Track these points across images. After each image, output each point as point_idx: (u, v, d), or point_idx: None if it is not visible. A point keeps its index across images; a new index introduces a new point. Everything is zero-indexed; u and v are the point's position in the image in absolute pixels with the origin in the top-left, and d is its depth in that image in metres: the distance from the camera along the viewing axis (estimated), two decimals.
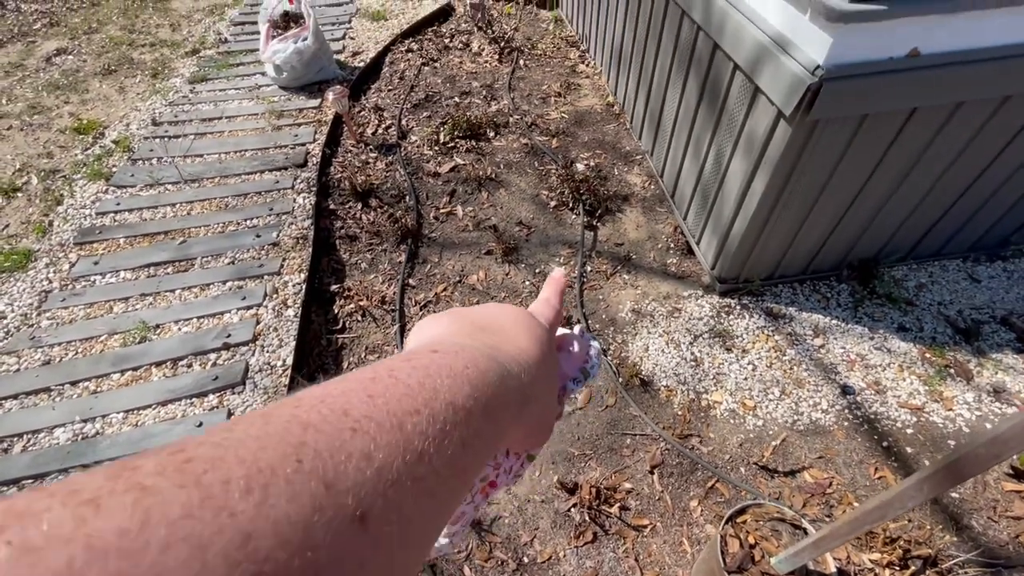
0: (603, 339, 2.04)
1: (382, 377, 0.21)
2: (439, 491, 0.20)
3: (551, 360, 0.32)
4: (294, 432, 0.17)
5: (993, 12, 1.35)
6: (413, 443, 0.19)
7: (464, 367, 0.24)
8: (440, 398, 0.21)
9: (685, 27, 2.06)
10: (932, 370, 1.91)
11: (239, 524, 0.14)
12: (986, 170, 1.81)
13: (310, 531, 0.15)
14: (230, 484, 0.14)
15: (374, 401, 0.19)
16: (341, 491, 0.16)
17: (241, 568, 0.13)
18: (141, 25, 4.45)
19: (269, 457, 0.16)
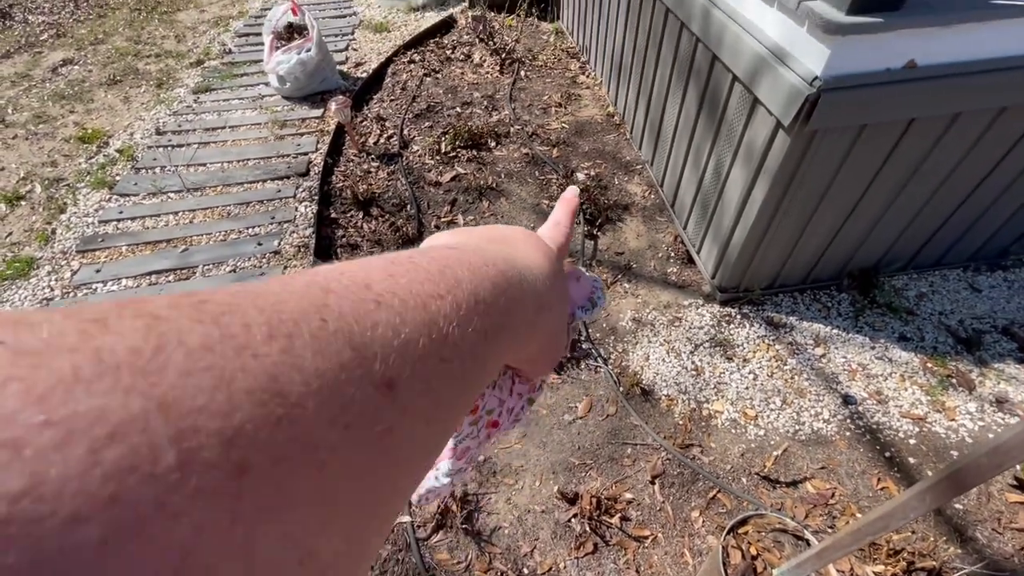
0: (604, 348, 2.04)
1: (402, 261, 0.20)
2: (463, 375, 0.20)
3: (562, 279, 0.32)
4: (315, 294, 0.16)
5: (988, 25, 1.37)
6: (438, 324, 0.18)
7: (483, 264, 0.23)
8: (463, 287, 0.20)
9: (684, 39, 2.08)
10: (934, 380, 1.90)
11: (264, 366, 0.13)
12: (984, 180, 1.81)
13: (339, 387, 0.14)
14: (251, 328, 0.13)
15: (396, 280, 0.18)
16: (368, 356, 0.15)
17: (268, 409, 0.12)
18: (147, 36, 4.50)
19: (291, 310, 0.14)
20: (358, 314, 0.16)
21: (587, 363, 1.98)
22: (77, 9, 5.09)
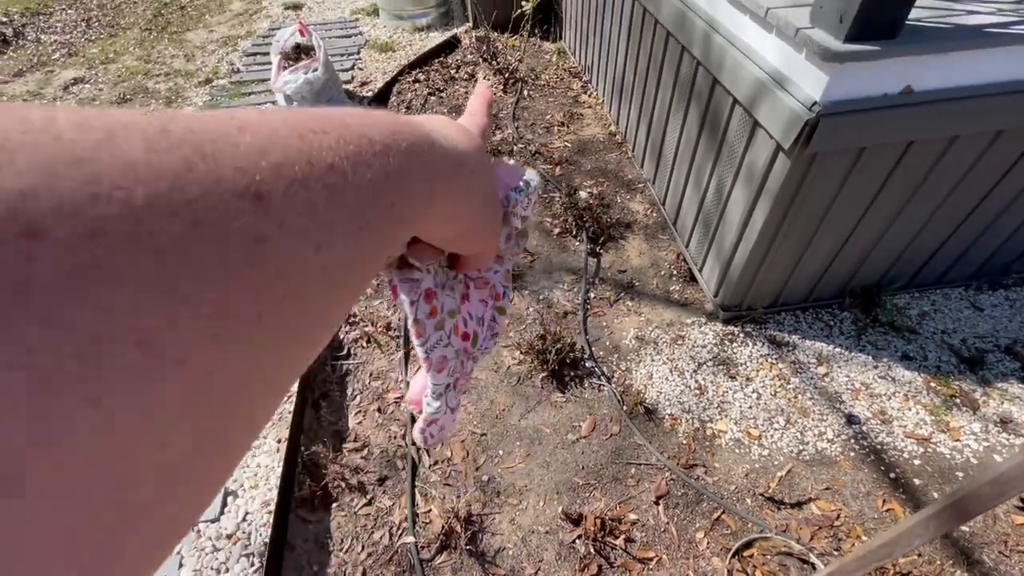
0: (607, 366, 2.04)
1: (282, 108, 0.19)
2: (363, 211, 0.18)
3: (484, 151, 0.30)
4: (164, 116, 0.14)
5: (981, 52, 1.40)
6: (320, 154, 0.16)
7: (380, 113, 0.21)
8: (350, 128, 0.19)
9: (685, 62, 2.12)
10: (938, 400, 1.90)
11: (65, 146, 0.11)
12: (983, 200, 1.83)
13: (180, 183, 0.12)
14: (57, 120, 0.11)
15: (265, 115, 0.17)
16: (223, 163, 0.14)
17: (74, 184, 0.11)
18: (156, 56, 4.59)
19: (127, 119, 0.13)
20: (215, 133, 0.14)
21: (590, 381, 1.99)
22: (89, 29, 5.20)
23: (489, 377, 2.02)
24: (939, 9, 1.49)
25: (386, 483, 1.75)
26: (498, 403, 1.94)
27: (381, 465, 1.79)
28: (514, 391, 1.97)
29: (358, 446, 1.83)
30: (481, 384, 2.00)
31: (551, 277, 2.39)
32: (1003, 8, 1.50)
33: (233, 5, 5.64)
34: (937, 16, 1.46)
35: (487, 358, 2.08)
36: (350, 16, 5.01)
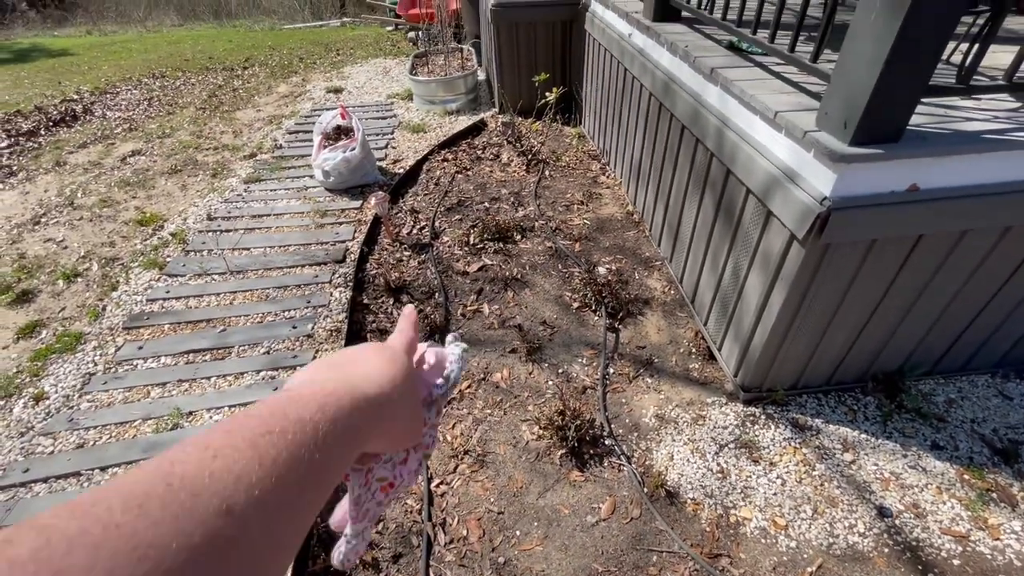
0: (627, 445, 2.02)
1: (239, 417, 0.27)
2: (301, 485, 0.26)
3: (408, 374, 0.39)
4: (164, 467, 0.22)
5: (981, 156, 1.49)
6: (269, 454, 0.25)
7: (312, 392, 0.30)
8: (290, 418, 0.27)
9: (700, 152, 2.27)
10: (973, 493, 1.83)
11: (123, 531, 0.19)
12: (999, 292, 1.86)
13: (182, 523, 0.20)
14: (113, 508, 0.20)
15: (231, 435, 0.25)
16: (206, 495, 0.22)
17: (130, 555, 0.19)
18: (208, 131, 5.00)
19: (143, 487, 0.21)
20: (198, 470, 0.22)
21: (610, 460, 1.97)
22: (150, 107, 5.72)
23: (507, 452, 2.01)
24: (938, 116, 1.61)
25: (400, 560, 1.71)
26: (516, 480, 1.92)
27: (396, 542, 1.75)
28: (532, 468, 1.95)
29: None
30: (499, 459, 1.99)
31: (570, 351, 2.42)
32: (998, 116, 1.61)
33: (280, 88, 6.18)
34: (937, 122, 1.57)
35: (507, 432, 2.08)
36: (386, 100, 5.45)
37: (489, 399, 2.22)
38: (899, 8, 1.23)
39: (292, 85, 6.27)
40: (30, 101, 5.96)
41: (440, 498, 1.88)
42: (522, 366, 2.36)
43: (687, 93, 2.31)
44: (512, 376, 2.31)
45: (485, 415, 2.16)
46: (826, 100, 1.51)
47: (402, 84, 5.84)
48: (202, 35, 10.03)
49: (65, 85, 6.57)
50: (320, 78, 6.45)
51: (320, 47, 8.13)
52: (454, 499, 1.88)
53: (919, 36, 1.26)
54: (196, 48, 8.54)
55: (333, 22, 10.96)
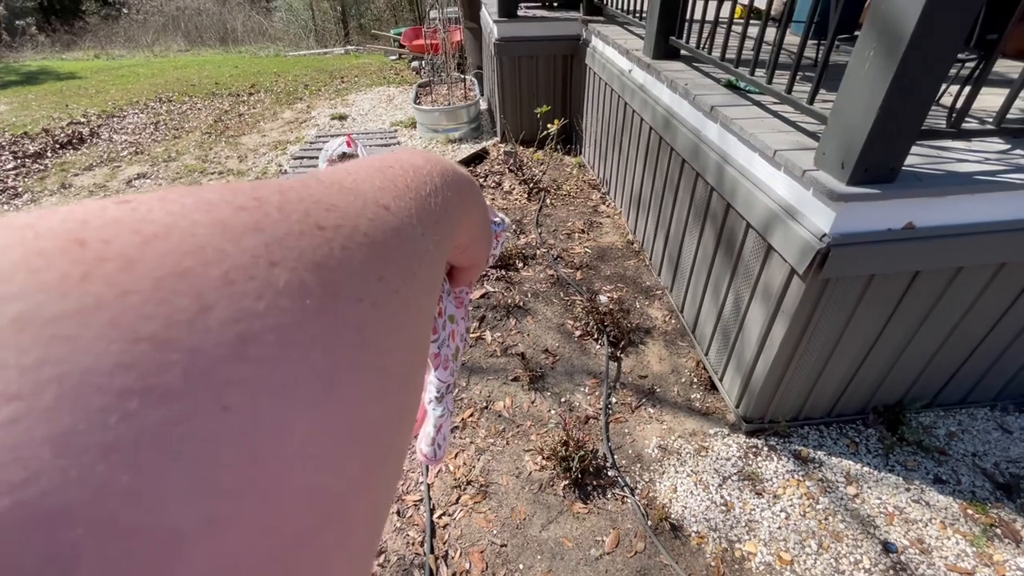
0: (630, 476, 2.02)
1: (348, 163, 0.25)
2: (434, 214, 0.24)
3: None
4: (304, 176, 0.20)
5: (973, 196, 1.54)
6: (398, 182, 0.23)
7: (413, 150, 0.29)
8: (403, 162, 0.26)
9: (700, 186, 2.33)
10: (977, 529, 1.82)
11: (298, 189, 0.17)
12: (995, 326, 1.89)
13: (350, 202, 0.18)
14: (278, 182, 0.17)
15: (351, 164, 0.23)
16: (359, 193, 0.19)
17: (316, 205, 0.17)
18: (213, 156, 5.07)
19: (293, 181, 0.19)
20: (339, 178, 0.20)
21: (613, 492, 1.95)
22: (156, 131, 5.81)
23: (510, 483, 2.00)
24: (931, 156, 1.67)
25: None
26: (519, 511, 1.90)
27: (397, 574, 1.73)
28: (535, 499, 1.94)
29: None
30: (502, 490, 1.97)
31: (572, 379, 2.43)
32: (989, 157, 1.67)
33: (285, 114, 6.30)
34: (930, 162, 1.63)
35: (510, 462, 2.07)
36: (390, 127, 5.56)
37: (492, 428, 2.21)
38: (893, 56, 1.29)
39: (297, 111, 6.39)
40: (37, 123, 6.04)
41: (443, 529, 1.86)
42: (524, 395, 2.36)
43: (687, 129, 2.38)
44: (514, 405, 2.31)
45: (488, 444, 2.15)
46: (824, 140, 1.57)
47: (406, 112, 5.96)
48: (208, 61, 10.26)
49: (72, 108, 6.67)
50: (325, 105, 6.58)
51: (325, 74, 8.31)
52: (456, 531, 1.86)
53: (913, 82, 1.32)
54: (202, 73, 8.72)
55: (337, 50, 11.23)
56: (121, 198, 0.14)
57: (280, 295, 0.14)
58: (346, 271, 0.16)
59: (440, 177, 0.27)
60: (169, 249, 0.13)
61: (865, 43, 1.37)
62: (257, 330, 0.13)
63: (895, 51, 1.28)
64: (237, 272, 0.13)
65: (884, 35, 1.31)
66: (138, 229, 0.13)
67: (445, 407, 0.39)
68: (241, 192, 0.16)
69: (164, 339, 0.11)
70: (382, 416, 0.16)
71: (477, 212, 0.34)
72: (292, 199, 0.17)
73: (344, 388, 0.14)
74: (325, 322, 0.14)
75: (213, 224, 0.14)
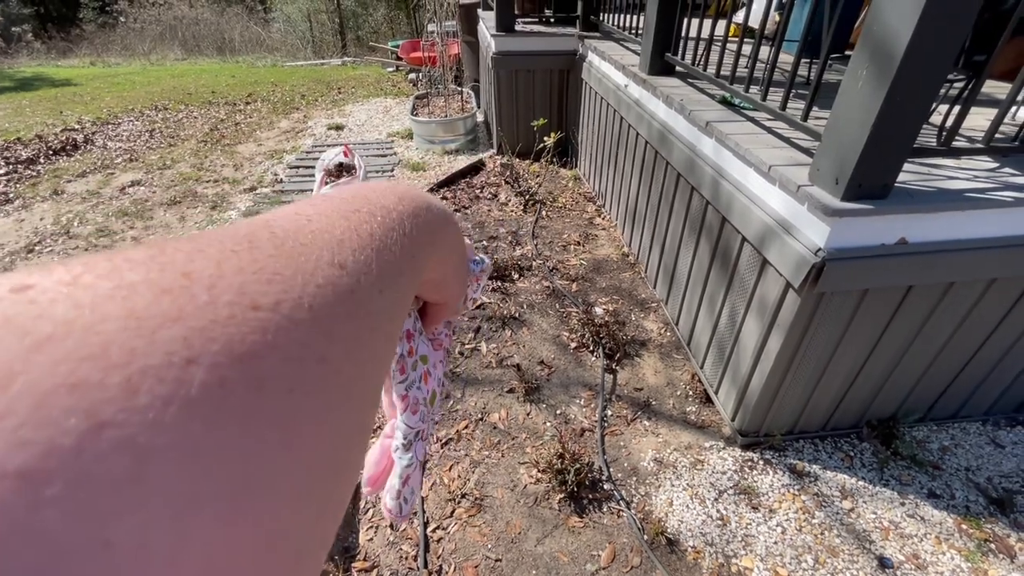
0: (626, 490, 2.00)
1: (317, 198, 0.24)
2: (397, 263, 0.23)
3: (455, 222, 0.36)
4: (258, 222, 0.19)
5: (964, 213, 1.57)
6: (363, 228, 0.22)
7: (387, 186, 0.28)
8: (372, 202, 0.25)
9: (695, 200, 2.35)
10: (971, 544, 1.83)
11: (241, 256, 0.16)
12: (987, 341, 1.92)
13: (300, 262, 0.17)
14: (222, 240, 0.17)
15: (317, 206, 0.22)
16: (315, 248, 0.19)
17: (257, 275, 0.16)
18: (209, 164, 5.06)
19: (244, 232, 0.18)
20: (296, 228, 0.20)
21: (609, 506, 1.94)
22: (151, 139, 5.79)
23: (505, 496, 1.98)
24: (923, 173, 1.70)
25: None
26: (514, 525, 1.88)
27: None
28: (531, 513, 1.92)
29: (367, 566, 1.76)
30: (497, 503, 1.95)
31: (568, 391, 2.42)
32: (978, 175, 1.71)
33: (282, 123, 6.31)
34: (922, 179, 1.66)
35: (505, 475, 2.05)
36: (386, 138, 5.58)
37: (487, 440, 2.20)
38: (886, 76, 1.32)
39: (294, 121, 6.40)
40: (31, 129, 6.01)
41: (436, 544, 1.84)
42: (520, 406, 2.35)
43: (683, 143, 2.41)
44: (510, 417, 2.30)
45: (483, 457, 2.13)
46: (818, 157, 1.59)
47: (402, 123, 5.99)
48: (205, 70, 10.28)
49: (67, 115, 6.65)
50: (321, 115, 6.60)
51: (322, 85, 8.35)
52: (451, 545, 1.83)
53: (904, 101, 1.35)
54: (199, 82, 8.73)
55: (334, 61, 11.30)
56: (24, 281, 0.12)
57: (191, 403, 0.12)
58: (279, 357, 0.14)
59: (411, 219, 0.26)
60: (64, 355, 0.11)
61: (858, 63, 1.40)
62: (158, 447, 0.11)
63: (887, 71, 1.31)
64: (143, 377, 0.12)
65: (876, 55, 1.34)
66: (29, 331, 0.11)
67: (414, 455, 0.36)
68: (172, 267, 0.14)
69: (40, 471, 0.10)
70: (305, 518, 0.15)
71: (451, 250, 0.33)
72: (229, 271, 0.15)
73: (258, 498, 0.13)
74: (243, 426, 0.13)
75: (126, 316, 0.12)
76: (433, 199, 0.31)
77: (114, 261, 0.14)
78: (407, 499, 0.36)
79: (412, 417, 0.36)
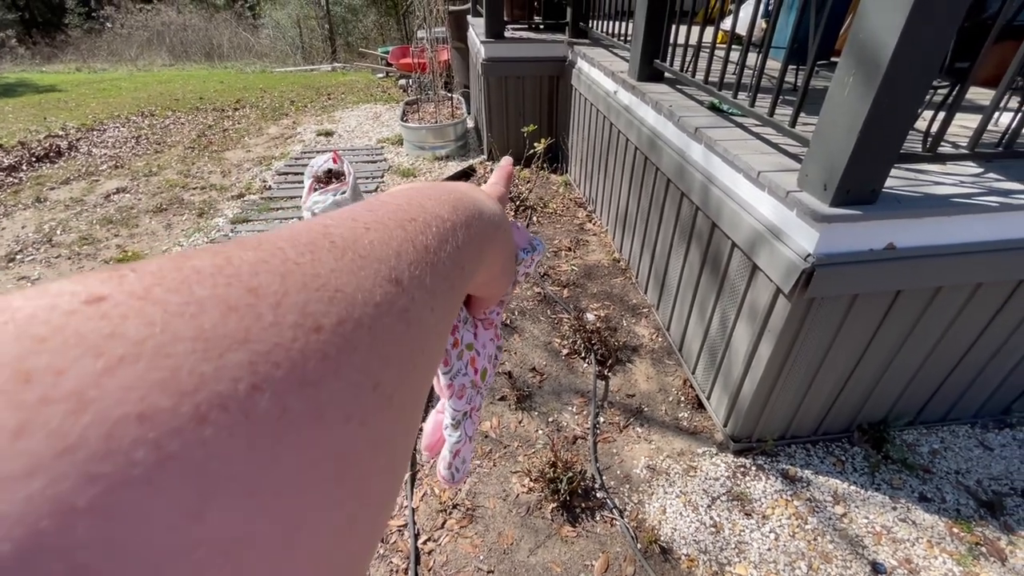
0: (619, 498, 1.99)
1: (373, 201, 0.24)
2: (448, 275, 0.23)
3: (504, 214, 0.36)
4: (317, 228, 0.19)
5: (952, 218, 1.58)
6: (419, 239, 0.22)
7: (442, 191, 0.28)
8: (428, 211, 0.24)
9: (685, 205, 2.35)
10: (963, 547, 1.83)
11: (304, 268, 0.16)
12: (974, 345, 1.93)
13: (360, 277, 0.17)
14: (284, 249, 0.16)
15: (375, 212, 0.22)
16: (373, 260, 0.18)
17: (320, 292, 0.15)
18: (196, 171, 5.01)
19: (305, 239, 0.18)
20: (355, 237, 0.19)
21: (602, 514, 1.92)
22: (137, 145, 5.72)
23: (497, 506, 1.95)
24: (909, 179, 1.71)
25: None
26: (506, 536, 1.86)
27: None
28: (523, 523, 1.90)
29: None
30: (489, 513, 1.93)
31: (560, 399, 2.41)
32: (963, 180, 1.72)
33: (270, 130, 6.27)
34: (908, 185, 1.67)
35: (497, 484, 2.03)
36: (376, 144, 5.56)
37: (478, 449, 2.17)
38: (872, 82, 1.33)
39: (283, 127, 6.36)
40: (13, 136, 5.92)
41: (428, 556, 1.81)
42: (512, 414, 2.33)
43: (672, 150, 2.41)
44: (502, 425, 2.28)
45: (474, 466, 2.10)
46: (806, 163, 1.60)
47: (392, 129, 5.97)
48: (193, 75, 10.20)
49: (51, 121, 6.56)
50: (311, 121, 6.57)
51: (311, 91, 8.32)
52: (442, 557, 1.80)
53: (891, 107, 1.35)
54: (187, 88, 8.66)
55: (324, 67, 11.28)
56: (98, 291, 0.12)
57: (254, 434, 0.12)
58: (339, 385, 0.14)
59: (464, 230, 0.26)
60: (135, 380, 0.11)
61: (844, 69, 1.40)
62: (221, 481, 0.11)
63: (874, 77, 1.32)
64: (210, 406, 0.11)
65: (863, 62, 1.35)
66: (103, 351, 0.11)
67: (463, 432, 0.39)
68: (238, 281, 0.14)
69: (104, 509, 0.09)
70: (352, 550, 0.15)
71: (499, 255, 0.33)
72: (293, 287, 0.15)
73: (311, 535, 0.13)
74: (302, 458, 0.13)
75: (195, 338, 0.12)
76: (485, 203, 0.31)
77: (183, 271, 0.13)
78: (458, 468, 0.39)
79: (458, 402, 0.38)
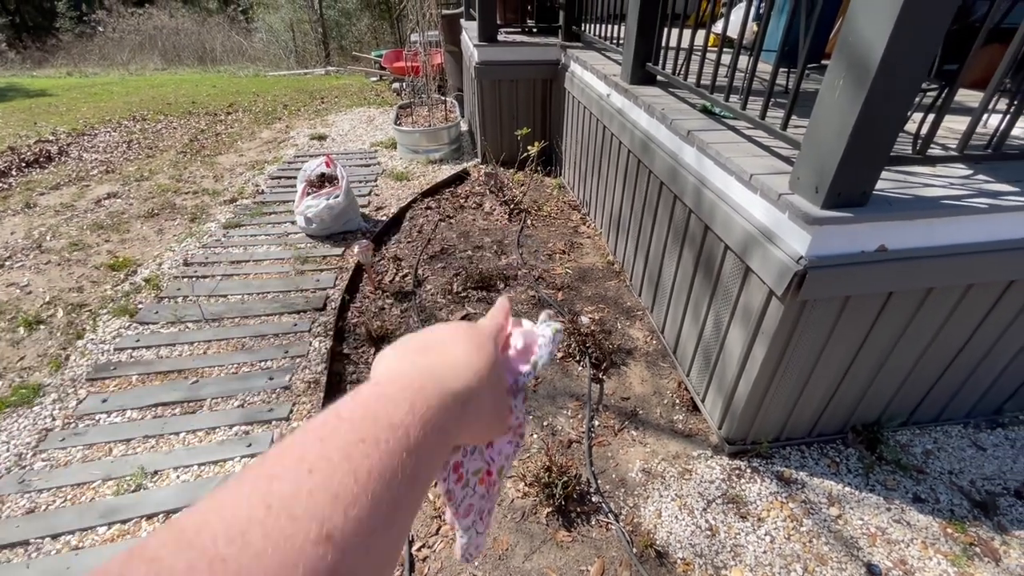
0: (615, 502, 1.98)
1: (330, 421, 0.26)
2: (396, 499, 0.24)
3: (493, 364, 0.37)
4: (261, 485, 0.22)
5: (942, 220, 1.58)
6: (363, 466, 0.23)
7: (400, 388, 0.29)
8: (380, 422, 0.26)
9: (678, 208, 2.36)
10: (957, 548, 1.83)
11: (229, 567, 0.18)
12: (965, 345, 1.94)
13: (284, 554, 0.19)
14: (217, 538, 0.19)
15: (324, 443, 0.24)
16: (305, 519, 0.21)
17: None
18: (188, 175, 4.97)
19: (244, 511, 0.20)
20: (295, 490, 0.22)
21: (597, 519, 1.91)
22: (129, 150, 5.68)
23: None
24: (899, 181, 1.72)
25: None
26: (501, 541, 1.85)
27: None
28: (518, 528, 1.89)
29: None
30: None
31: (555, 403, 2.40)
32: (953, 182, 1.73)
33: (263, 134, 6.24)
34: (899, 187, 1.68)
35: None
36: (370, 148, 5.55)
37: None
38: (862, 85, 1.33)
39: (276, 131, 6.33)
40: (2, 141, 5.86)
41: (422, 563, 1.79)
42: None
43: (665, 152, 2.42)
44: None
45: None
46: (798, 165, 1.60)
47: (386, 133, 5.96)
48: (186, 79, 10.15)
49: (41, 126, 6.50)
50: (304, 125, 6.54)
51: (305, 95, 8.29)
52: (436, 563, 1.79)
53: (881, 110, 1.36)
54: (179, 92, 8.62)
55: (318, 71, 11.25)
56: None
57: None
58: None
59: (420, 428, 0.27)
60: None
61: (835, 73, 1.41)
62: None
63: (863, 80, 1.32)
64: None
65: (852, 66, 1.35)
66: None
67: (471, 535, 0.42)
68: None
69: None
70: None
71: (477, 419, 0.35)
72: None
73: None
74: None
75: None
76: (457, 378, 0.33)
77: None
78: (471, 554, 0.43)
79: (464, 520, 0.41)
